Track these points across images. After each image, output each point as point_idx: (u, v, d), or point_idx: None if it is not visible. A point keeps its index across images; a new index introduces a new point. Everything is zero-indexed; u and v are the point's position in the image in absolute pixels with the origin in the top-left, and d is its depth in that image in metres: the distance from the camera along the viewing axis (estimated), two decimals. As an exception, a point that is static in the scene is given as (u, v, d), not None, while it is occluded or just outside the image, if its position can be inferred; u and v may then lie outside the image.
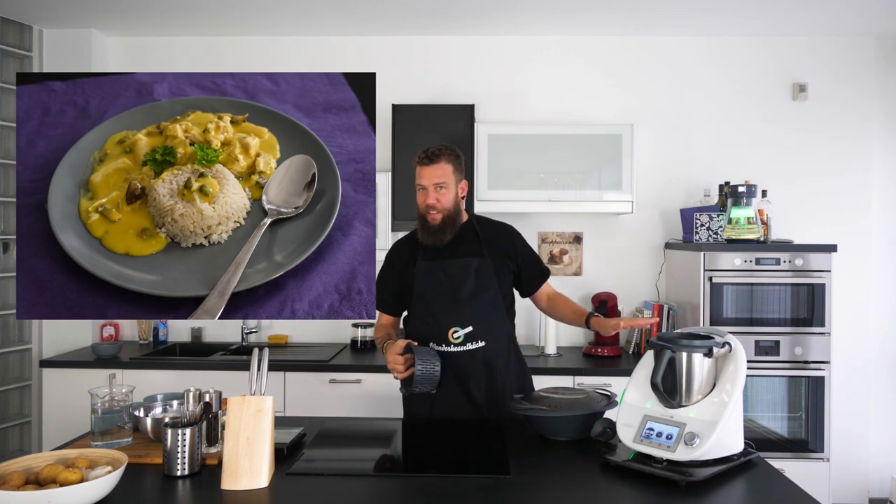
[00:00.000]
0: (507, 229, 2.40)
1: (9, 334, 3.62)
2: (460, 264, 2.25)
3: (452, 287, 2.23)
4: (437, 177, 2.22)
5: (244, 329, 3.77)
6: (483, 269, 2.25)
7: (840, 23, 3.56)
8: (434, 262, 2.26)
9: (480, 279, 2.24)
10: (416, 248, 2.31)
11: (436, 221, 2.23)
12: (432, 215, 2.23)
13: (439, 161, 2.22)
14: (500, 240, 2.34)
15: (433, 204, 2.22)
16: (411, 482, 1.65)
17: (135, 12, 3.49)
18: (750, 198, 3.20)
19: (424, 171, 2.23)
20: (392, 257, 2.39)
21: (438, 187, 2.22)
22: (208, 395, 1.79)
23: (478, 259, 2.26)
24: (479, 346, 2.23)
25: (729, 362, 1.72)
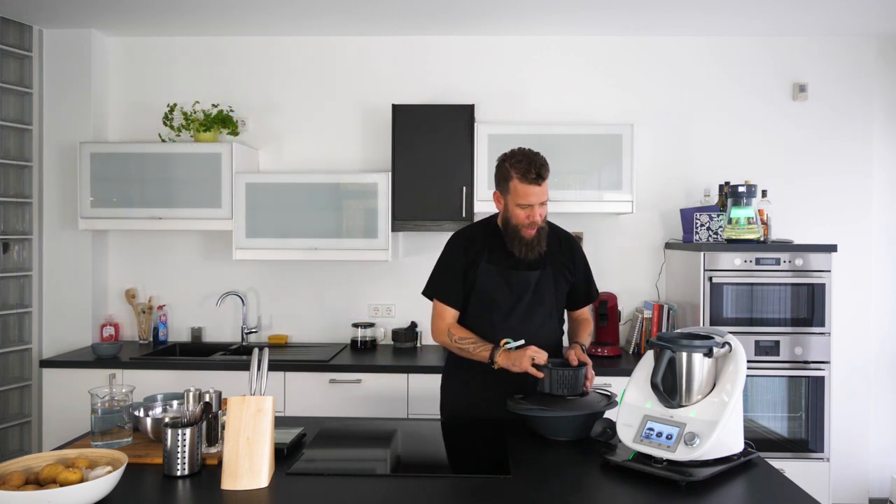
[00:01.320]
0: (569, 240, 2.35)
1: (9, 334, 3.62)
2: (523, 277, 2.22)
3: (513, 298, 2.21)
4: (543, 195, 2.18)
5: (244, 329, 3.77)
6: (542, 282, 2.23)
7: (840, 23, 3.56)
8: (498, 269, 2.23)
9: (539, 293, 2.23)
10: (482, 248, 2.27)
11: (531, 237, 2.19)
12: (530, 231, 2.19)
13: (545, 179, 2.17)
14: (563, 253, 2.30)
15: (537, 221, 2.18)
16: (411, 482, 1.65)
17: (135, 12, 3.49)
18: (750, 198, 3.20)
19: (532, 189, 2.14)
20: (459, 250, 2.28)
21: (541, 204, 2.19)
22: (208, 395, 1.79)
23: (538, 272, 2.23)
24: None
25: (729, 362, 1.72)
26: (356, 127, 3.86)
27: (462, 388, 2.30)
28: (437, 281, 2.31)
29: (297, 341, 3.86)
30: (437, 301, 2.30)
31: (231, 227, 3.52)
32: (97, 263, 3.78)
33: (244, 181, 3.52)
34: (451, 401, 2.34)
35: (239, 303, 3.80)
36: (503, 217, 2.25)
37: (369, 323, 3.69)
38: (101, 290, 3.83)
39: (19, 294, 3.68)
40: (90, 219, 3.56)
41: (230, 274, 3.86)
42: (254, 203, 3.52)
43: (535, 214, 2.16)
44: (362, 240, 3.50)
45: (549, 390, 2.01)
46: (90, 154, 3.54)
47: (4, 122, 3.58)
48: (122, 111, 3.90)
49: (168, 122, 3.67)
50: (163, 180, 3.53)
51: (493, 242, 2.27)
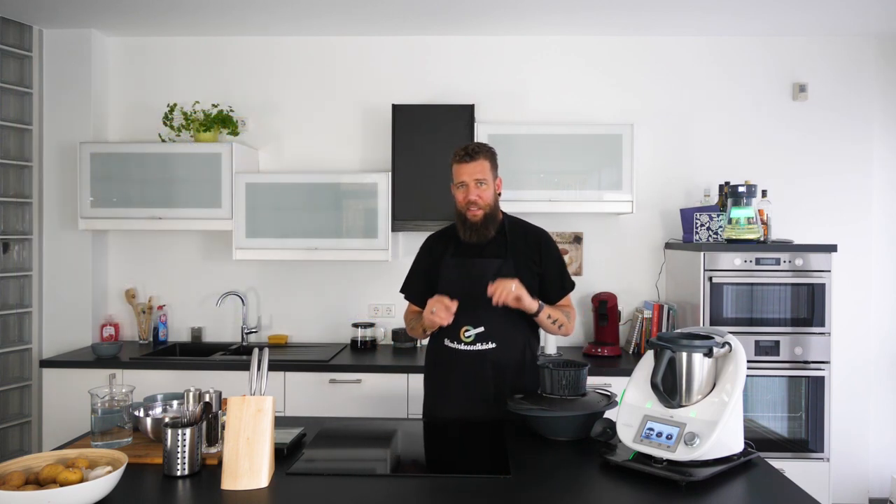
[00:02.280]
0: (537, 234, 2.37)
1: (9, 334, 3.62)
2: (482, 264, 2.25)
3: (471, 286, 2.22)
4: (477, 172, 2.23)
5: (244, 329, 3.77)
6: (503, 272, 2.23)
7: (840, 23, 3.56)
8: (459, 260, 2.28)
9: None
10: (448, 243, 2.34)
11: (477, 218, 2.24)
12: (473, 212, 2.23)
13: (478, 158, 2.23)
14: (528, 244, 2.32)
15: (475, 200, 2.22)
16: (411, 482, 1.65)
17: (135, 12, 3.49)
18: (750, 198, 3.20)
19: (464, 167, 2.24)
20: (427, 249, 2.41)
21: (479, 183, 2.23)
22: (208, 395, 1.79)
23: (499, 260, 2.25)
24: (490, 348, 2.22)
25: (729, 362, 1.72)
26: (356, 127, 3.86)
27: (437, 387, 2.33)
28: (406, 280, 2.46)
29: (297, 341, 3.86)
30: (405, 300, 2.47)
31: (231, 227, 3.52)
32: (97, 263, 3.78)
33: (244, 181, 3.52)
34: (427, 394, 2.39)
35: (239, 303, 3.80)
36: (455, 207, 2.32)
37: (369, 323, 3.69)
38: (101, 290, 3.83)
39: (19, 294, 3.68)
40: (90, 219, 3.56)
41: (230, 274, 3.86)
42: (254, 203, 3.52)
43: (472, 193, 2.23)
44: (362, 240, 3.50)
45: (550, 391, 2.01)
46: (90, 154, 3.54)
47: (4, 122, 3.58)
48: (122, 111, 3.90)
49: (168, 122, 3.67)
50: (163, 180, 3.53)
51: (458, 238, 2.32)
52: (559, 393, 1.99)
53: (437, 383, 2.32)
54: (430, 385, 2.37)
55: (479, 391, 2.23)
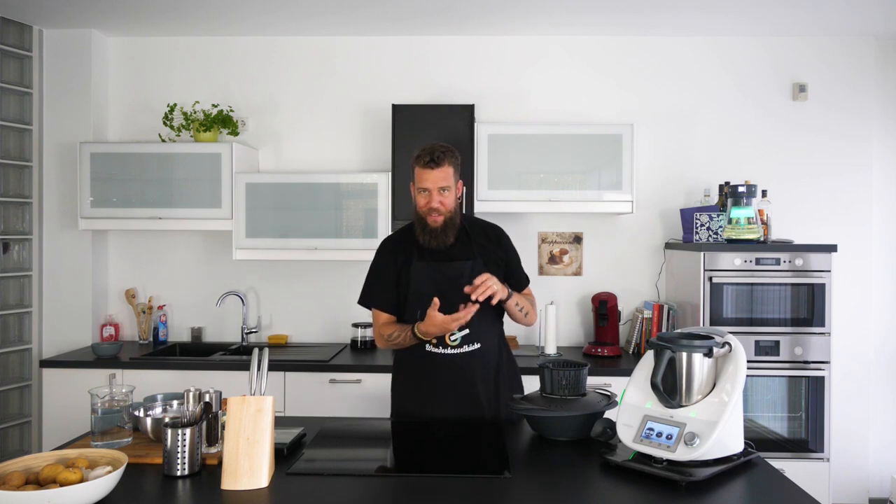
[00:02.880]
0: (495, 231, 2.39)
1: (9, 334, 3.62)
2: (455, 267, 2.24)
3: (448, 289, 2.20)
4: (441, 180, 2.20)
5: (244, 329, 3.77)
6: (476, 272, 2.22)
7: (840, 23, 3.56)
8: (429, 264, 2.25)
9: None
10: (412, 247, 2.29)
11: (437, 224, 2.22)
12: (434, 217, 2.21)
13: (443, 164, 2.19)
14: (490, 241, 2.33)
15: (437, 207, 2.20)
16: (411, 482, 1.65)
17: (135, 12, 3.49)
18: (750, 198, 3.20)
19: (428, 174, 2.19)
20: (388, 254, 2.33)
21: (442, 190, 2.21)
22: (208, 395, 1.79)
23: (471, 261, 2.25)
24: (476, 348, 2.23)
25: (729, 362, 1.72)
26: (356, 127, 3.86)
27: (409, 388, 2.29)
28: (370, 288, 2.36)
29: (297, 341, 3.86)
30: (372, 309, 2.35)
31: (231, 227, 3.52)
32: (97, 263, 3.78)
33: (244, 181, 3.52)
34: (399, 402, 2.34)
35: (239, 303, 3.80)
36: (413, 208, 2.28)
37: (369, 323, 3.69)
38: (101, 290, 3.83)
39: (19, 294, 3.68)
40: (90, 219, 3.56)
41: (230, 274, 3.86)
42: (254, 203, 3.52)
43: (434, 200, 2.20)
44: (362, 240, 3.50)
45: (550, 391, 2.01)
46: (90, 154, 3.54)
47: (4, 122, 3.58)
48: (122, 111, 3.90)
49: (168, 122, 3.67)
50: (163, 180, 3.53)
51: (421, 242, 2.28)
52: (559, 393, 1.99)
53: (419, 390, 2.26)
54: (409, 391, 2.30)
55: (468, 393, 2.22)
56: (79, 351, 3.58)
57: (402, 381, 2.34)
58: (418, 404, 2.27)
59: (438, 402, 2.23)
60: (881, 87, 3.80)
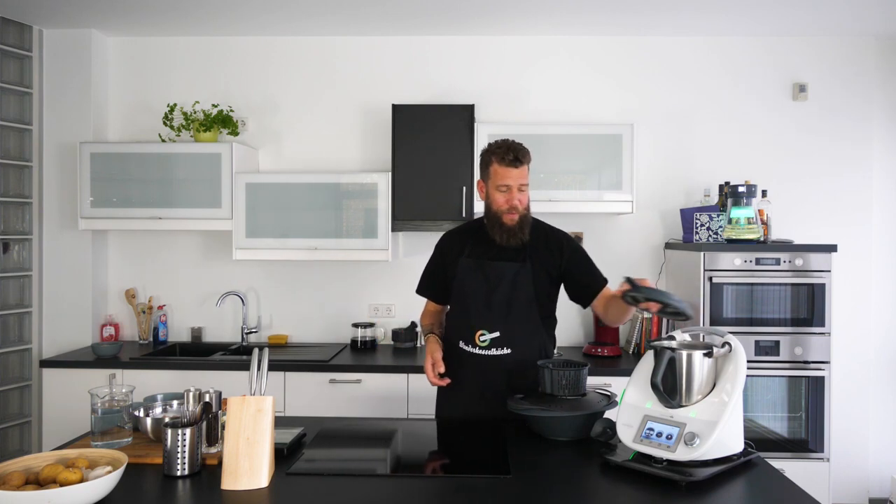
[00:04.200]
0: (558, 239, 2.32)
1: (9, 334, 3.62)
2: (499, 268, 2.23)
3: (488, 290, 2.21)
4: (522, 178, 2.21)
5: (244, 329, 3.77)
6: (521, 276, 2.21)
7: (840, 23, 3.56)
8: (476, 262, 2.25)
9: (517, 285, 2.21)
10: (465, 243, 2.30)
11: (514, 222, 2.21)
12: (511, 216, 2.20)
13: (525, 162, 2.21)
14: (548, 247, 2.28)
15: (516, 205, 2.20)
16: (411, 482, 1.65)
17: (135, 12, 3.49)
18: (750, 198, 3.20)
19: (511, 172, 2.19)
20: (444, 247, 2.37)
21: (521, 188, 2.21)
22: (208, 395, 1.79)
23: (517, 265, 2.22)
24: (505, 353, 2.20)
25: (729, 362, 1.72)
26: (356, 127, 3.86)
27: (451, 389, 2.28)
28: (421, 278, 2.44)
29: (297, 341, 3.86)
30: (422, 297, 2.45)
31: (231, 227, 3.52)
32: (97, 263, 3.78)
33: (244, 181, 3.52)
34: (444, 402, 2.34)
35: (239, 303, 3.80)
36: (486, 205, 2.27)
37: (369, 323, 3.69)
38: (101, 290, 3.83)
39: (19, 294, 3.68)
40: (90, 219, 3.56)
41: (230, 274, 3.86)
42: (254, 203, 3.52)
43: (514, 198, 2.19)
44: (362, 240, 3.50)
45: (550, 391, 2.01)
46: (90, 154, 3.54)
47: (4, 122, 3.58)
48: (122, 111, 3.90)
49: (168, 122, 3.67)
50: (163, 180, 3.53)
51: (478, 237, 2.29)
52: (559, 393, 1.99)
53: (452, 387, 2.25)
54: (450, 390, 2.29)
55: (491, 395, 2.19)
56: (79, 351, 3.58)
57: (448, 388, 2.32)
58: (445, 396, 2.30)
59: (461, 398, 2.25)
60: (881, 87, 3.79)
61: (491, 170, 2.22)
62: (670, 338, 1.81)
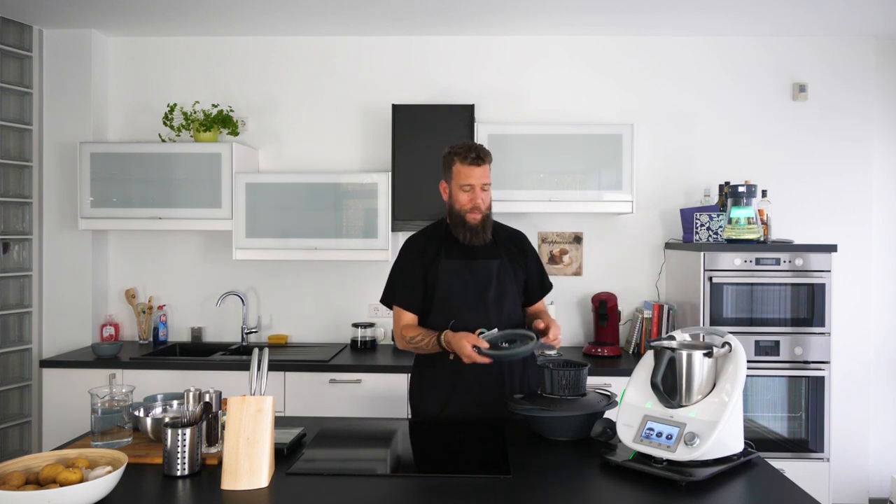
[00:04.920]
0: (519, 237, 2.40)
1: (9, 334, 3.62)
2: (484, 266, 2.25)
3: (478, 288, 2.22)
4: (485, 177, 2.23)
5: (244, 329, 3.77)
6: (502, 272, 2.25)
7: (840, 23, 3.56)
8: (459, 262, 2.25)
9: (501, 282, 2.25)
10: (439, 245, 2.29)
11: (476, 221, 2.23)
12: (474, 215, 2.22)
13: (486, 162, 2.23)
14: (514, 246, 2.35)
15: (479, 205, 2.22)
16: (411, 482, 1.65)
17: (135, 12, 3.49)
18: (750, 198, 3.20)
19: (474, 171, 2.21)
20: (415, 253, 2.30)
21: (484, 188, 2.23)
22: (208, 395, 1.79)
23: (497, 261, 2.27)
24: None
25: (729, 362, 1.72)
26: (356, 127, 3.86)
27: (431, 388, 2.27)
28: (394, 286, 2.33)
29: (297, 341, 3.86)
30: (394, 307, 2.32)
31: (231, 227, 3.52)
32: (97, 263, 3.78)
33: (244, 181, 3.52)
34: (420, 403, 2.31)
35: (239, 303, 3.80)
36: (448, 206, 2.28)
37: (369, 323, 3.69)
38: (101, 290, 3.83)
39: (19, 294, 3.68)
40: (90, 219, 3.56)
41: (230, 274, 3.86)
42: (254, 203, 3.52)
43: (477, 197, 2.21)
44: (362, 240, 3.50)
45: (550, 391, 2.01)
46: (90, 154, 3.54)
47: (4, 122, 3.58)
48: (122, 111, 3.90)
49: (168, 122, 3.67)
50: (163, 180, 3.53)
51: (449, 240, 2.29)
52: (559, 393, 1.99)
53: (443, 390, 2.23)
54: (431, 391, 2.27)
55: (493, 392, 2.20)
56: (79, 351, 3.58)
57: (424, 381, 2.31)
58: (440, 404, 2.24)
59: (461, 402, 2.21)
60: (881, 87, 3.79)
61: (454, 170, 2.24)
62: (670, 338, 1.81)
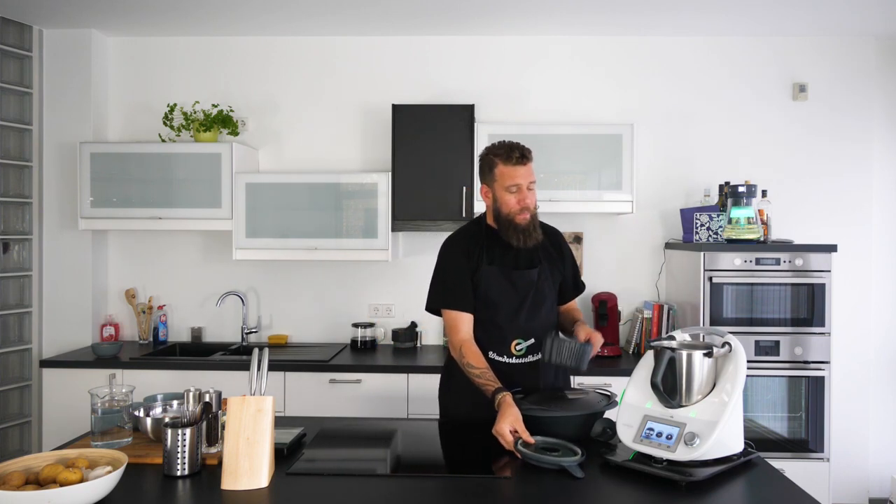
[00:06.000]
0: (557, 237, 2.33)
1: (9, 334, 3.62)
2: (525, 276, 2.18)
3: (518, 298, 2.17)
4: (530, 175, 2.15)
5: (244, 329, 3.77)
6: (541, 279, 2.20)
7: (840, 23, 3.56)
8: (500, 269, 2.18)
9: (540, 290, 2.20)
10: (481, 249, 2.20)
11: (526, 222, 2.15)
12: (524, 216, 2.14)
13: (530, 160, 2.16)
14: (553, 247, 2.28)
15: (529, 205, 2.15)
16: (411, 482, 1.65)
17: (135, 12, 3.49)
18: (750, 198, 3.20)
19: (519, 170, 2.13)
20: (462, 254, 2.20)
21: (530, 187, 2.16)
22: (208, 395, 1.79)
23: (537, 269, 2.21)
24: (538, 358, 2.17)
25: (729, 362, 1.72)
26: (356, 127, 3.86)
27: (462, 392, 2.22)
28: (447, 289, 2.19)
29: (297, 341, 3.86)
30: (448, 311, 2.17)
31: (231, 227, 3.52)
32: (97, 263, 3.78)
33: (244, 181, 3.52)
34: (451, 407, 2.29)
35: (239, 303, 3.80)
36: (494, 210, 2.19)
37: (369, 323, 3.69)
38: (101, 290, 3.83)
39: (19, 294, 3.68)
40: (90, 219, 3.56)
41: (230, 274, 3.86)
42: (254, 203, 3.52)
43: (526, 197, 2.14)
44: (362, 240, 3.50)
45: (550, 358, 2.01)
46: (90, 154, 3.54)
47: (4, 122, 3.58)
48: (122, 111, 3.90)
49: (168, 123, 3.67)
50: (163, 180, 3.53)
51: (489, 243, 2.21)
52: (558, 359, 1.99)
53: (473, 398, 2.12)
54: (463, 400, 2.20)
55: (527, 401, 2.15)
56: (79, 351, 3.58)
57: (454, 390, 2.26)
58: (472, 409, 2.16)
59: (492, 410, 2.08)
60: (881, 87, 3.79)
61: (496, 172, 2.15)
62: (670, 338, 1.81)
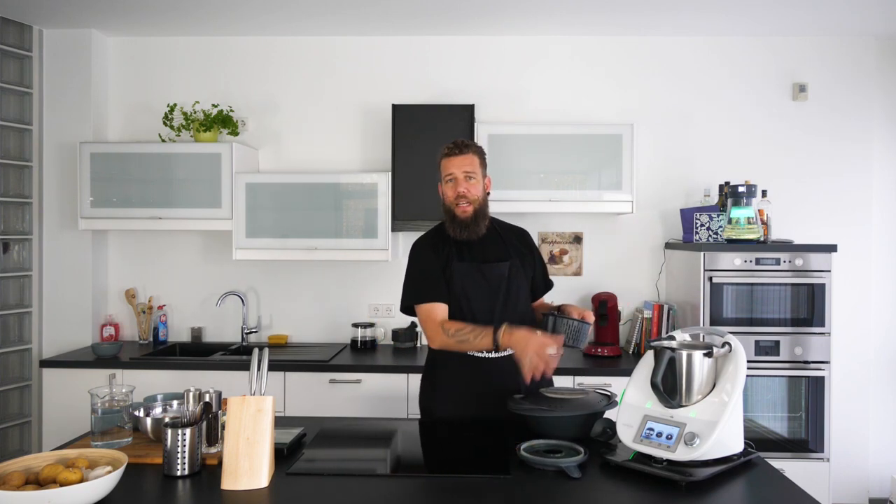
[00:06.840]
0: (524, 235, 2.39)
1: (9, 334, 3.62)
2: (496, 269, 2.22)
3: (491, 291, 2.20)
4: (466, 165, 2.18)
5: (244, 329, 3.77)
6: (513, 273, 2.23)
7: (840, 23, 3.56)
8: (471, 265, 2.22)
9: (513, 283, 2.23)
10: (449, 247, 2.25)
11: (467, 214, 2.19)
12: (463, 207, 2.18)
13: (467, 152, 2.20)
14: (522, 244, 2.33)
15: (464, 193, 2.17)
16: (411, 482, 1.65)
17: (135, 12, 3.49)
18: (750, 198, 3.20)
19: (453, 161, 2.19)
20: (431, 252, 2.25)
21: (468, 177, 2.19)
22: (208, 395, 1.79)
23: (508, 262, 2.24)
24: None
25: (729, 362, 1.72)
26: (356, 127, 3.86)
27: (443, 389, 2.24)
28: (417, 285, 2.24)
29: (297, 341, 3.86)
30: (422, 306, 2.21)
31: (231, 227, 3.52)
32: (97, 263, 3.78)
33: (244, 181, 3.52)
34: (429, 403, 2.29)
35: (239, 303, 3.80)
36: (442, 205, 2.27)
37: (369, 323, 3.69)
38: (101, 290, 3.83)
39: (19, 294, 3.68)
40: (90, 219, 3.56)
41: (230, 274, 3.86)
42: (254, 203, 3.52)
43: (460, 186, 2.18)
44: (362, 240, 3.50)
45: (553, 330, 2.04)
46: (90, 154, 3.54)
47: (4, 122, 3.58)
48: (122, 111, 3.90)
49: (168, 123, 3.67)
50: (163, 180, 3.53)
51: (456, 240, 2.26)
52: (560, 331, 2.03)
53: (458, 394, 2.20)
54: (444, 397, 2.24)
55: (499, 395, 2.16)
56: (79, 351, 3.58)
57: (435, 387, 2.27)
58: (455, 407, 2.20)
59: (476, 406, 2.17)
60: (881, 87, 3.80)
61: (440, 167, 2.25)
62: (670, 338, 1.81)
